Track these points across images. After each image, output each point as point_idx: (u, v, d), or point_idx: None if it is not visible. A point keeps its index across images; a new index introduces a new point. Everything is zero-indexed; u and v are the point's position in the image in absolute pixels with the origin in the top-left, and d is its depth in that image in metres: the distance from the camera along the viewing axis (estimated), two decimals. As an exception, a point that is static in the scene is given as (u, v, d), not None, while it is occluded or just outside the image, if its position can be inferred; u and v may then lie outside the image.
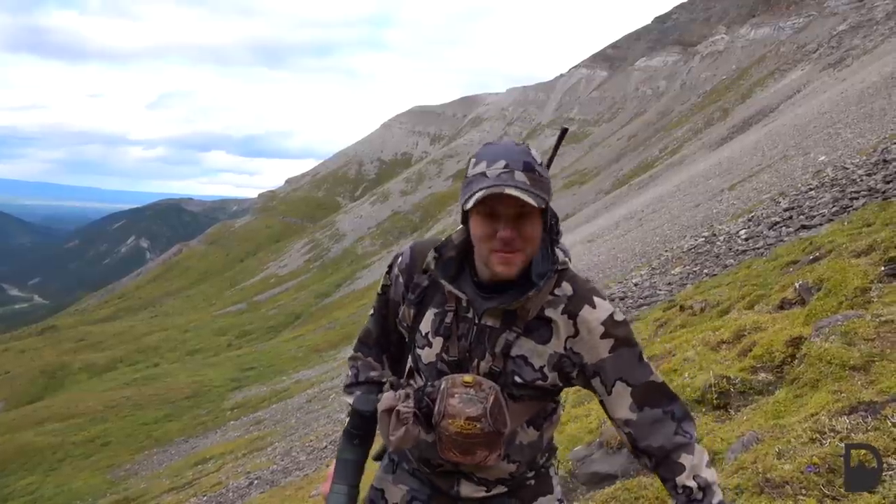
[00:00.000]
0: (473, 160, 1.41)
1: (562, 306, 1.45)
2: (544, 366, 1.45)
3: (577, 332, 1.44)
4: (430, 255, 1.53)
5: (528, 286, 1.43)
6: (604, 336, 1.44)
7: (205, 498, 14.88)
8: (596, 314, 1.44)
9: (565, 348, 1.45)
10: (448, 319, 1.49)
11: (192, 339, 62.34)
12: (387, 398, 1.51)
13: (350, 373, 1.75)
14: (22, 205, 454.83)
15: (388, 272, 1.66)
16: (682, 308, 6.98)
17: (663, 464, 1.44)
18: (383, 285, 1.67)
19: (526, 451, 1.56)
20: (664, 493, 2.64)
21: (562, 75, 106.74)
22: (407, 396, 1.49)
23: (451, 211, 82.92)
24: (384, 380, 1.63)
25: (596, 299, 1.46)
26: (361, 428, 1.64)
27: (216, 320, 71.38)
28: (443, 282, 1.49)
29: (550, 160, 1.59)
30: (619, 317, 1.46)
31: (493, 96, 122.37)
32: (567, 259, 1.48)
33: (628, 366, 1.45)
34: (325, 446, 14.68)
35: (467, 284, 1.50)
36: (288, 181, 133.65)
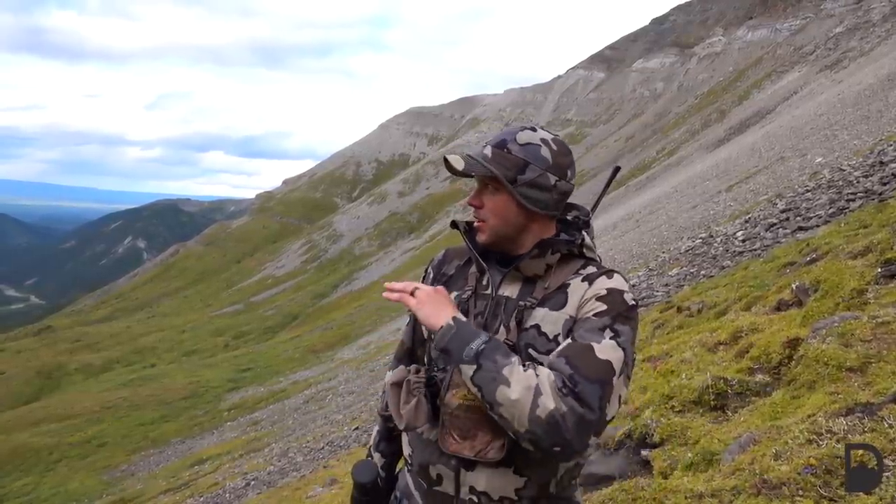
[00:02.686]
0: None
1: (582, 277, 1.40)
2: (559, 334, 1.34)
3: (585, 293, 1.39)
4: (462, 225, 1.52)
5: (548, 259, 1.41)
6: (600, 299, 1.33)
7: (201, 499, 14.84)
8: (609, 282, 1.37)
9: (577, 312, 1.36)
10: (465, 296, 1.45)
11: (189, 339, 62.25)
12: (396, 372, 1.46)
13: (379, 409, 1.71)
14: (19, 205, 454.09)
15: (423, 277, 1.62)
16: (679, 309, 6.99)
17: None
18: None
19: (536, 466, 1.37)
20: (661, 495, 2.64)
21: (559, 76, 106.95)
22: (418, 370, 1.43)
23: (450, 212, 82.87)
24: None
25: (617, 276, 1.39)
26: (367, 494, 1.58)
27: (213, 321, 71.30)
28: (464, 239, 1.49)
29: (599, 199, 1.62)
30: (628, 299, 1.35)
31: (491, 97, 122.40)
32: (595, 252, 1.47)
33: (591, 328, 1.30)
34: (322, 447, 14.64)
35: (491, 261, 1.48)
36: (285, 182, 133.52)
